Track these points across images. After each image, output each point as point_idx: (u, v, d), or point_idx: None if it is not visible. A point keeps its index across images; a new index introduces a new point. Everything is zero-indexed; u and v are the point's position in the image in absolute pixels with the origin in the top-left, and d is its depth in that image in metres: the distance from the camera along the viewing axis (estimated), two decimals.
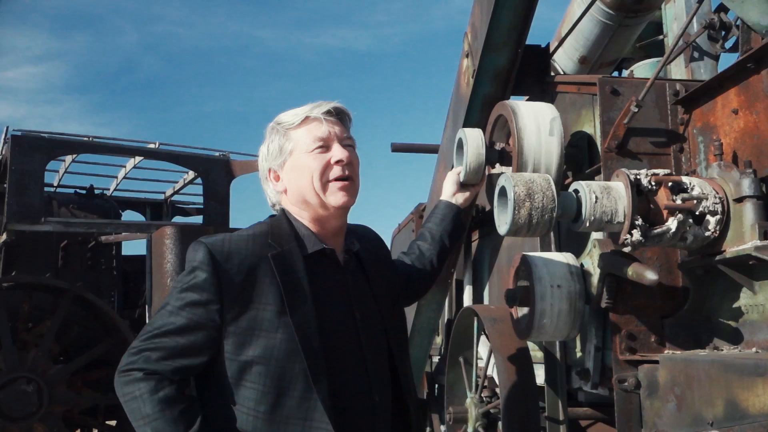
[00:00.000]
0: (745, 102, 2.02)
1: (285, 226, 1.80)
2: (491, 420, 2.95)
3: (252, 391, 1.65)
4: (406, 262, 2.32)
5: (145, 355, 1.63)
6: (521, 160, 2.37)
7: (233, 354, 1.66)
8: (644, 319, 2.20)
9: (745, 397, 1.67)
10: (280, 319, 1.65)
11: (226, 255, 1.67)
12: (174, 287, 1.71)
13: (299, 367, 1.65)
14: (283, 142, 1.81)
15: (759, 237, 1.83)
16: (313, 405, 1.64)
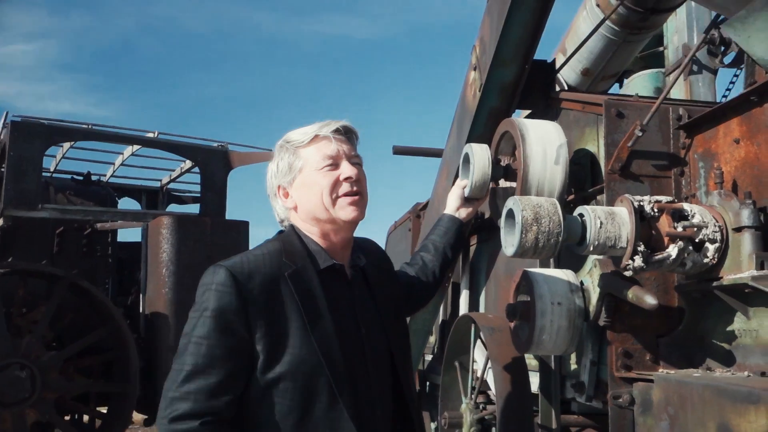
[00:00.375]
0: (747, 132, 2.09)
1: (296, 243, 1.84)
2: (485, 426, 3.01)
3: (279, 406, 1.69)
4: (410, 273, 2.38)
5: (192, 397, 1.62)
6: (525, 186, 2.43)
7: (260, 372, 1.69)
8: (640, 337, 2.27)
9: (738, 422, 1.74)
10: (303, 335, 1.70)
11: (247, 276, 1.70)
12: (194, 315, 1.70)
13: (324, 379, 1.70)
14: (293, 159, 1.86)
15: (756, 267, 1.89)
16: (339, 414, 1.70)
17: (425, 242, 2.52)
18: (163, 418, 1.65)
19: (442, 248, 2.45)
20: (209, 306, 1.68)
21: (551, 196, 2.44)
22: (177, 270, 6.91)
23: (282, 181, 1.89)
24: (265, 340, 1.68)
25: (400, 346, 2.02)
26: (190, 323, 1.72)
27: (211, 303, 1.68)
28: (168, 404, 1.65)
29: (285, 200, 1.91)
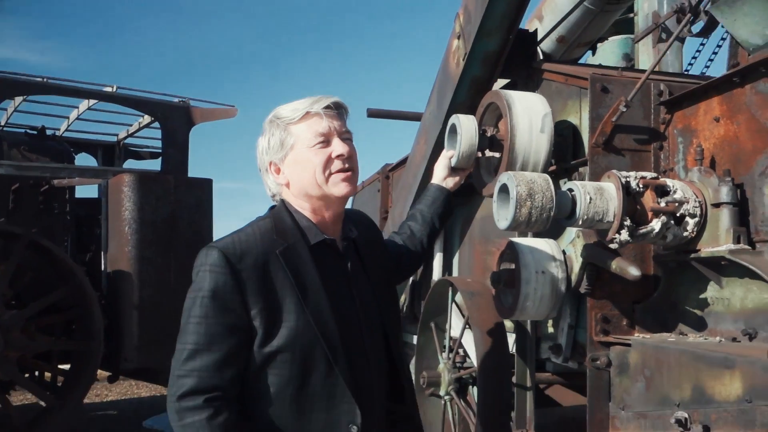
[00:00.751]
0: (727, 111, 2.19)
1: (287, 220, 1.87)
2: (463, 384, 3.15)
3: (277, 378, 1.74)
4: (398, 243, 2.44)
5: (196, 373, 1.65)
6: (512, 156, 2.50)
7: (259, 347, 1.73)
8: (618, 304, 2.40)
9: (712, 385, 1.88)
10: (297, 310, 1.74)
11: (239, 256, 1.73)
12: (191, 296, 1.73)
13: (320, 351, 1.75)
14: (284, 136, 1.86)
15: (733, 241, 2.02)
16: (335, 383, 1.77)
17: (413, 212, 2.58)
18: (172, 396, 1.69)
19: (429, 218, 2.50)
20: (204, 286, 1.71)
21: (537, 165, 2.52)
22: (140, 228, 6.82)
23: (274, 158, 1.89)
24: (261, 316, 1.72)
25: (390, 313, 2.09)
26: (188, 303, 1.74)
27: (207, 283, 1.71)
28: (174, 382, 1.69)
29: (277, 176, 1.91)
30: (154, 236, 6.90)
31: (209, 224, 7.39)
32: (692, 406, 1.95)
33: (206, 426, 1.65)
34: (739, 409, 1.77)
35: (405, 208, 3.81)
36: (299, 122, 1.85)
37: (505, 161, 2.51)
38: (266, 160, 1.91)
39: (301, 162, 1.85)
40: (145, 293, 6.78)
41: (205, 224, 7.31)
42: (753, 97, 2.08)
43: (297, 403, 1.75)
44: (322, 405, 1.77)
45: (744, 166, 2.11)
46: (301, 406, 1.76)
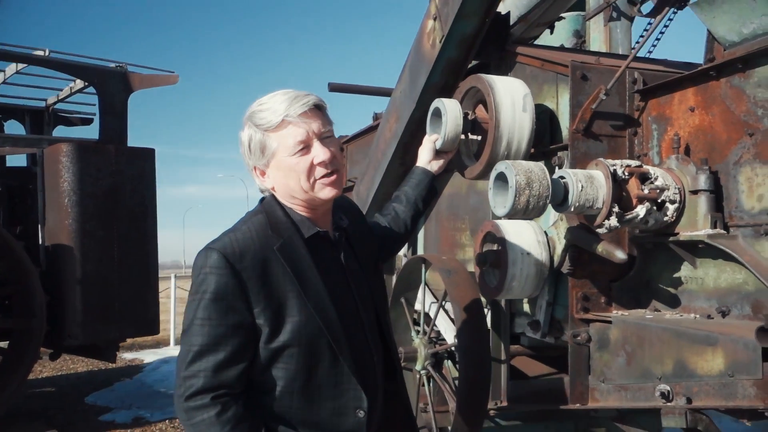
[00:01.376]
0: (702, 102, 2.32)
1: (280, 214, 1.88)
2: (439, 359, 3.26)
3: (285, 371, 1.79)
4: (382, 224, 2.49)
5: (202, 373, 1.69)
6: (498, 133, 2.57)
7: (265, 344, 1.77)
8: (596, 283, 2.54)
9: (695, 360, 2.04)
10: (299, 303, 1.78)
11: (239, 256, 1.74)
12: (194, 298, 1.75)
13: (324, 342, 1.80)
14: (264, 142, 1.84)
15: (711, 226, 2.17)
16: (341, 370, 1.83)
17: (398, 193, 2.62)
18: (179, 397, 1.72)
19: (414, 199, 2.55)
20: (207, 288, 1.73)
21: (521, 143, 2.60)
22: (80, 200, 6.58)
23: (257, 163, 1.89)
24: (265, 313, 1.75)
25: (380, 299, 2.16)
26: (192, 306, 1.76)
27: (209, 285, 1.72)
28: (181, 383, 1.72)
29: (263, 179, 1.91)
30: (95, 209, 6.68)
31: (153, 196, 7.20)
32: (674, 380, 2.12)
33: (216, 422, 1.68)
34: (721, 383, 1.94)
35: (373, 184, 3.85)
36: (277, 130, 1.82)
37: (491, 140, 2.58)
38: (250, 164, 1.90)
39: (284, 169, 1.84)
40: (87, 268, 6.58)
41: (148, 195, 7.13)
42: (728, 91, 2.22)
43: (305, 393, 1.80)
44: (329, 393, 1.82)
45: (719, 154, 2.25)
46: (309, 396, 1.81)
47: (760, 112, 2.10)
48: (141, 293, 7.03)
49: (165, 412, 6.95)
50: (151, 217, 7.19)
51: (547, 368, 3.45)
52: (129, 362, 10.10)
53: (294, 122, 1.80)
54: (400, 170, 3.69)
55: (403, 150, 3.57)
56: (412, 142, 3.53)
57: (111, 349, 7.18)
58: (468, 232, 3.61)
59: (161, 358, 10.13)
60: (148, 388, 8.28)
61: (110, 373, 9.22)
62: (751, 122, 2.13)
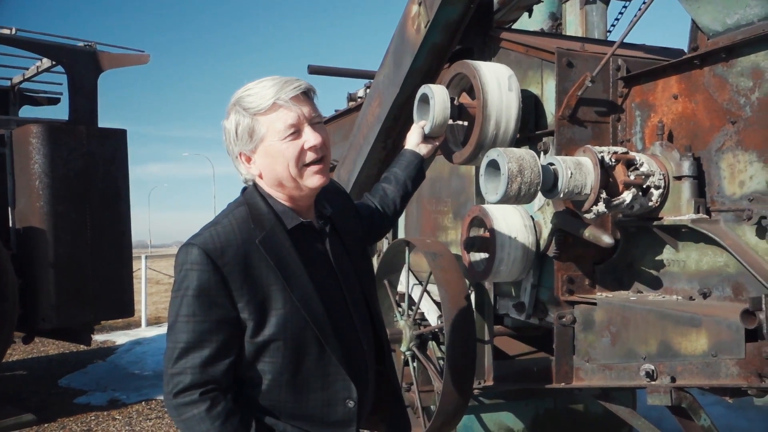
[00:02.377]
0: (685, 90, 2.39)
1: (261, 206, 1.86)
2: (423, 340, 3.32)
3: (271, 365, 1.79)
4: (371, 205, 2.49)
5: (189, 370, 1.69)
6: (486, 112, 2.61)
7: (251, 338, 1.76)
8: (581, 265, 2.61)
9: (679, 341, 2.13)
10: (284, 296, 1.77)
11: (220, 251, 1.73)
12: (177, 295, 1.74)
13: (310, 333, 1.80)
14: (252, 127, 1.81)
15: (694, 211, 2.24)
16: (328, 361, 1.83)
17: (387, 174, 2.62)
18: (168, 394, 1.73)
19: (403, 180, 2.55)
20: (190, 285, 1.72)
21: (509, 122, 2.64)
22: (51, 182, 6.46)
23: (243, 149, 1.85)
24: (249, 307, 1.74)
25: (369, 283, 2.17)
26: (175, 303, 1.75)
27: (191, 282, 1.71)
28: (169, 380, 1.72)
29: (248, 166, 1.87)
30: (67, 191, 6.57)
31: (125, 177, 7.11)
32: (658, 360, 2.20)
33: (206, 417, 1.69)
34: (704, 362, 2.02)
35: (354, 167, 3.86)
36: (267, 113, 1.79)
37: (479, 120, 2.61)
38: (236, 150, 1.86)
39: (273, 154, 1.81)
40: (60, 250, 6.49)
41: (120, 177, 7.03)
42: (711, 79, 2.28)
43: (293, 386, 1.81)
44: (317, 385, 1.83)
45: (701, 141, 2.32)
46: (297, 388, 1.82)
47: (743, 100, 2.17)
48: (115, 275, 6.97)
49: (141, 394, 6.93)
50: (123, 198, 7.11)
51: (527, 347, 3.54)
52: (101, 344, 10.01)
53: (285, 106, 1.77)
54: (382, 154, 3.71)
55: (385, 134, 3.59)
56: (394, 125, 3.56)
57: (86, 332, 7.12)
58: (450, 215, 3.65)
59: (133, 340, 10.06)
60: (122, 369, 8.23)
61: (83, 355, 9.13)
62: (734, 110, 2.20)
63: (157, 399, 6.70)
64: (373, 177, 3.75)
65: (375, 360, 2.10)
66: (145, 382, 7.49)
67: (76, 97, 7.20)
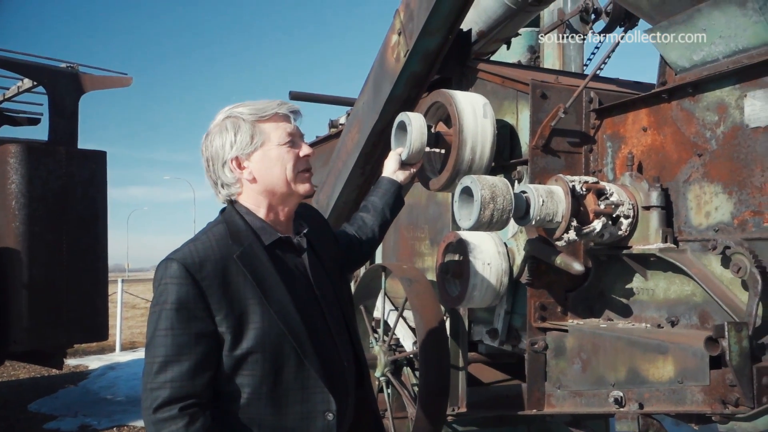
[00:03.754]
0: (654, 123, 2.46)
1: (239, 223, 1.92)
2: (397, 366, 3.33)
3: (250, 378, 1.81)
4: (349, 233, 2.54)
5: (170, 384, 1.70)
6: (462, 137, 2.66)
7: (229, 351, 1.78)
8: (553, 293, 2.65)
9: (647, 367, 2.16)
10: (262, 310, 1.80)
11: (199, 265, 1.77)
12: (155, 310, 1.77)
13: (288, 346, 1.83)
14: (254, 132, 1.91)
15: (662, 240, 2.30)
16: (307, 374, 1.85)
17: (365, 203, 2.67)
18: (147, 409, 1.73)
19: (381, 208, 2.60)
20: (168, 299, 1.74)
21: (485, 147, 2.69)
22: (29, 202, 6.42)
23: (240, 153, 1.91)
24: (227, 321, 1.77)
25: (348, 306, 2.20)
26: (153, 317, 1.78)
27: (170, 296, 1.74)
28: (148, 395, 1.73)
29: (239, 171, 1.93)
30: (44, 212, 6.54)
31: (103, 199, 7.09)
32: (626, 386, 2.23)
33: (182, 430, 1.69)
34: (670, 389, 2.05)
35: (333, 193, 3.89)
36: (269, 121, 1.92)
37: (456, 145, 2.66)
38: (229, 155, 1.93)
39: (272, 158, 1.91)
40: (35, 272, 6.43)
41: (99, 199, 7.00)
42: (679, 113, 2.36)
43: (272, 399, 1.82)
44: (297, 398, 1.84)
45: (669, 173, 2.39)
46: (276, 401, 1.83)
47: (708, 134, 2.24)
48: (90, 298, 6.90)
49: (112, 420, 6.82)
50: (101, 221, 7.07)
51: (502, 375, 3.56)
52: (73, 369, 9.84)
53: (285, 117, 1.94)
54: (361, 179, 3.75)
55: (364, 160, 3.63)
56: (373, 152, 3.60)
57: (58, 355, 7.02)
58: (427, 242, 3.69)
59: (106, 364, 9.91)
60: (94, 395, 8.09)
61: (54, 380, 8.97)
62: (700, 143, 2.27)
63: (129, 425, 6.59)
64: (351, 202, 3.79)
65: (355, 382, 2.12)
66: (117, 407, 7.37)
67: (57, 118, 7.19)
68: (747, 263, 1.98)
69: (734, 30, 2.13)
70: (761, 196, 2.06)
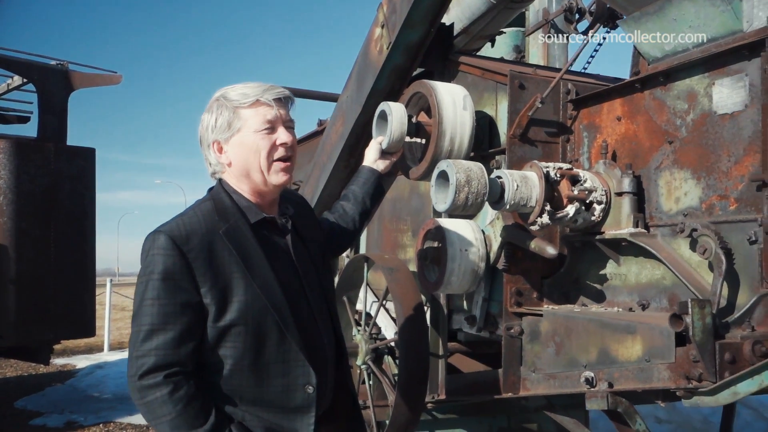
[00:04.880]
0: (628, 112, 2.52)
1: (226, 201, 1.98)
2: (378, 354, 3.37)
3: (233, 350, 1.86)
4: (330, 221, 2.59)
5: (155, 352, 1.75)
6: (441, 128, 2.71)
7: (213, 322, 1.83)
8: (529, 279, 2.70)
9: (616, 348, 2.21)
10: (246, 284, 1.86)
11: (185, 237, 1.82)
12: (143, 280, 1.81)
13: (271, 320, 1.88)
14: (233, 118, 1.95)
15: (633, 225, 2.35)
16: (288, 347, 1.90)
17: (346, 192, 2.72)
18: (132, 377, 1.78)
19: (361, 197, 2.65)
20: (155, 269, 1.79)
21: (463, 139, 2.74)
22: (17, 198, 6.44)
23: (219, 137, 1.97)
24: (211, 293, 1.82)
25: (329, 287, 2.25)
26: (140, 287, 1.83)
27: (157, 266, 1.79)
28: (133, 363, 1.78)
29: (219, 155, 2.00)
30: (32, 208, 6.56)
31: (92, 196, 7.11)
32: (598, 367, 2.28)
33: (168, 400, 1.74)
34: (638, 367, 2.10)
35: (318, 185, 3.94)
36: (249, 108, 1.94)
37: (435, 136, 2.71)
38: (211, 138, 1.99)
39: (247, 144, 1.95)
40: (22, 267, 6.44)
41: (87, 196, 7.03)
42: (651, 102, 2.42)
43: (254, 371, 1.87)
44: (278, 370, 1.90)
45: (641, 160, 2.44)
46: (258, 373, 1.88)
47: (679, 122, 2.30)
48: (77, 294, 6.91)
49: (99, 416, 6.81)
50: (89, 218, 7.09)
51: (482, 366, 3.60)
52: (61, 367, 9.82)
53: (266, 104, 1.92)
54: (345, 172, 3.80)
55: (348, 152, 3.68)
56: (357, 144, 3.65)
57: (45, 351, 7.03)
58: (410, 233, 3.73)
59: (95, 363, 9.89)
60: (81, 392, 8.08)
61: (41, 378, 8.95)
62: (671, 131, 2.33)
63: (116, 421, 6.60)
64: (336, 195, 3.82)
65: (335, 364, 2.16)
66: (105, 404, 7.37)
67: (46, 114, 7.21)
68: (713, 244, 2.04)
69: (703, 20, 2.19)
70: (728, 181, 2.12)
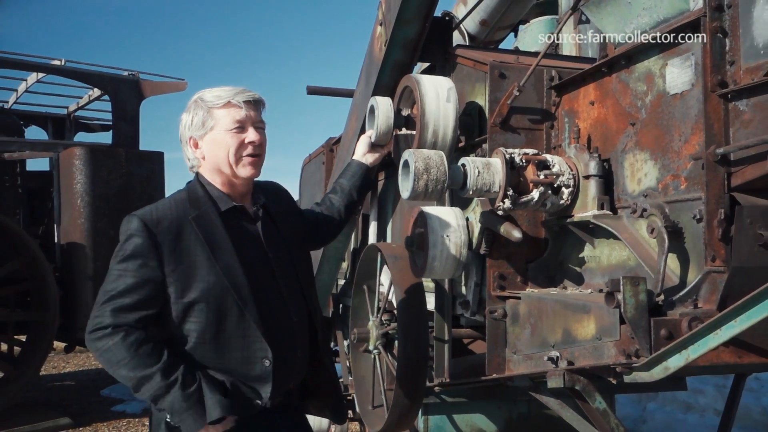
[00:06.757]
0: (599, 96, 2.54)
1: (200, 191, 2.23)
2: (389, 339, 3.50)
3: (196, 324, 2.12)
4: (317, 211, 2.76)
5: (108, 313, 2.02)
6: (424, 120, 2.82)
7: (177, 298, 2.10)
8: (513, 263, 2.76)
9: (575, 327, 2.26)
10: (209, 266, 2.11)
11: (156, 221, 2.09)
12: (115, 256, 2.09)
13: (231, 300, 2.13)
14: (206, 117, 2.20)
15: (597, 207, 2.38)
16: (248, 325, 2.14)
17: (334, 185, 2.89)
18: (88, 333, 2.07)
19: (348, 190, 2.82)
20: (127, 247, 2.07)
21: (446, 131, 2.84)
22: (92, 200, 7.01)
23: (194, 134, 2.24)
24: (176, 273, 2.08)
25: (304, 270, 2.44)
26: (113, 261, 2.11)
27: (129, 245, 2.07)
28: (91, 321, 2.07)
29: (194, 150, 2.26)
30: (106, 209, 7.10)
31: (161, 197, 7.57)
32: (562, 346, 2.33)
33: (122, 345, 2.00)
34: (593, 346, 2.15)
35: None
36: (221, 108, 2.19)
37: (419, 127, 2.82)
38: (187, 134, 2.26)
39: (218, 141, 2.20)
40: (98, 264, 6.98)
41: (157, 196, 7.50)
42: (617, 85, 2.43)
43: (216, 344, 2.12)
44: (238, 344, 2.14)
45: (610, 143, 2.47)
46: (219, 346, 2.13)
47: (639, 103, 2.31)
48: None
49: None
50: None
51: None
52: None
53: (237, 105, 2.18)
54: None
55: None
56: None
57: None
58: None
59: None
60: None
61: None
62: (633, 113, 2.34)
63: None
64: None
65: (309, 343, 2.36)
66: None
67: (120, 122, 7.78)
68: (659, 223, 2.06)
69: (655, 1, 2.20)
70: (679, 160, 2.13)
